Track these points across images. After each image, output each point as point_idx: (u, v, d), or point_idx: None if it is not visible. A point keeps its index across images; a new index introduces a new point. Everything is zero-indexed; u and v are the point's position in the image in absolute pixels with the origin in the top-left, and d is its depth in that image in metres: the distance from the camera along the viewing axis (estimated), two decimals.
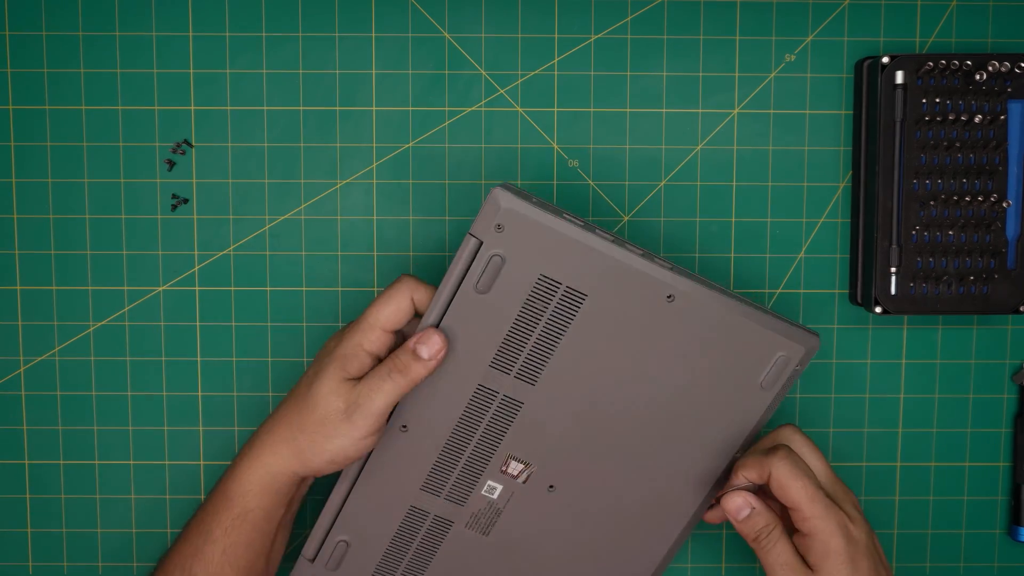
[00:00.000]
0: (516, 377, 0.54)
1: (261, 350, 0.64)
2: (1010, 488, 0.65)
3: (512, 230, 0.50)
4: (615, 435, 0.56)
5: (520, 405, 0.55)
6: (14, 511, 0.65)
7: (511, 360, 0.54)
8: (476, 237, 0.51)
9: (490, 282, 0.52)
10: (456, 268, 0.52)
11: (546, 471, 0.57)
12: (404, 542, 0.59)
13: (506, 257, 0.51)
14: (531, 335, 0.53)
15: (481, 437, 0.56)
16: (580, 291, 0.52)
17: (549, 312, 0.52)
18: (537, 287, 0.52)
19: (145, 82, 0.62)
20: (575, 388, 0.55)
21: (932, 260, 0.60)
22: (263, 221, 0.63)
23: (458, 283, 0.52)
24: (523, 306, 0.52)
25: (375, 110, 0.63)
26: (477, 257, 0.51)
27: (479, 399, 0.55)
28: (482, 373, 0.54)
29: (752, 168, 0.63)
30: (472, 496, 0.57)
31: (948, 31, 0.62)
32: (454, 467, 0.57)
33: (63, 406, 0.64)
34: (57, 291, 0.63)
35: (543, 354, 0.54)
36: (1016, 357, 0.64)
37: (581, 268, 0.51)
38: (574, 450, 0.56)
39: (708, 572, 0.66)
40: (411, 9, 0.62)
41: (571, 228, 0.50)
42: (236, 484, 0.55)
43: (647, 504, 0.58)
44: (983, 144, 0.59)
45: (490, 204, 0.50)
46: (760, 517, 0.55)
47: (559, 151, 0.63)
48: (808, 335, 0.55)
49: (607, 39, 0.62)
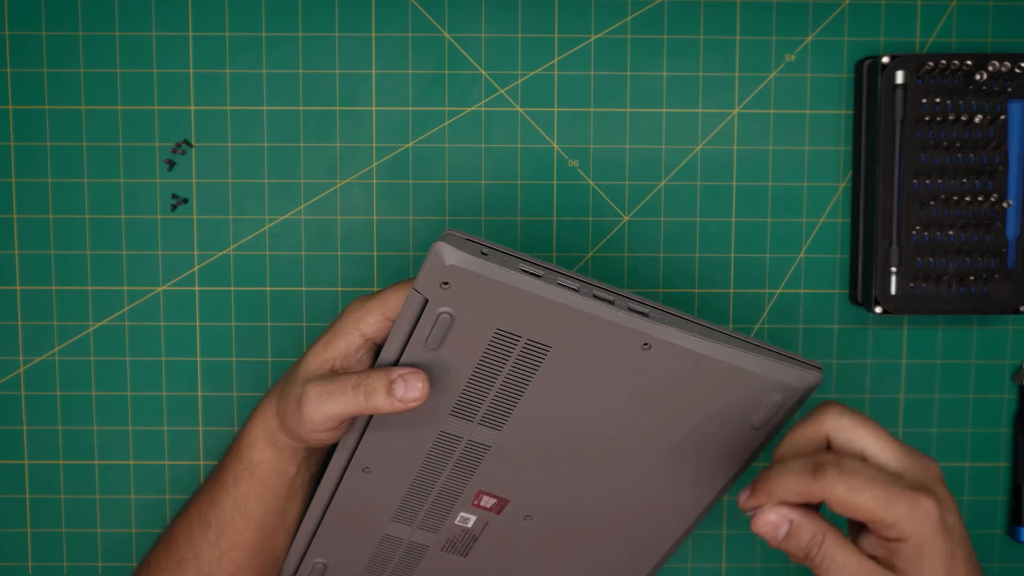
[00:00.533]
0: (480, 424, 0.51)
1: (261, 350, 0.64)
2: (1010, 488, 0.65)
3: (460, 287, 0.45)
4: (592, 471, 0.53)
5: (487, 448, 0.52)
6: (14, 511, 0.65)
7: (473, 408, 0.50)
8: (420, 293, 0.46)
9: (440, 339, 0.47)
10: (403, 325, 0.47)
11: (521, 503, 0.54)
12: (380, 565, 0.58)
13: (455, 315, 0.46)
14: (492, 385, 0.49)
15: (448, 477, 0.53)
16: (544, 343, 0.47)
17: (510, 364, 0.48)
18: (494, 342, 0.47)
19: (145, 82, 0.62)
20: (545, 431, 0.51)
21: (932, 260, 0.60)
22: (263, 221, 0.63)
23: (406, 338, 0.48)
24: (480, 360, 0.48)
25: (375, 110, 0.63)
26: (423, 315, 0.46)
27: (443, 444, 0.51)
28: (443, 420, 0.50)
29: (752, 168, 0.63)
30: (445, 526, 0.55)
31: (948, 31, 0.62)
32: (423, 503, 0.54)
33: (63, 406, 0.64)
34: (57, 291, 0.63)
35: (508, 402, 0.50)
36: (1016, 357, 0.64)
37: (542, 321, 0.46)
38: (548, 484, 0.54)
39: (708, 572, 0.66)
40: (411, 9, 0.62)
41: (526, 281, 0.45)
42: (245, 435, 0.56)
43: (629, 531, 0.57)
44: (983, 144, 0.59)
45: (432, 260, 0.44)
46: (804, 530, 0.45)
47: (559, 151, 0.63)
48: (807, 371, 0.49)
49: (607, 39, 0.62)
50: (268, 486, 0.55)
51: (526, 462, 0.52)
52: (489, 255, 0.45)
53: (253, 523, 0.56)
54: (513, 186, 0.63)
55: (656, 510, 0.56)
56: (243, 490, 0.55)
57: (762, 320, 0.64)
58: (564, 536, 0.57)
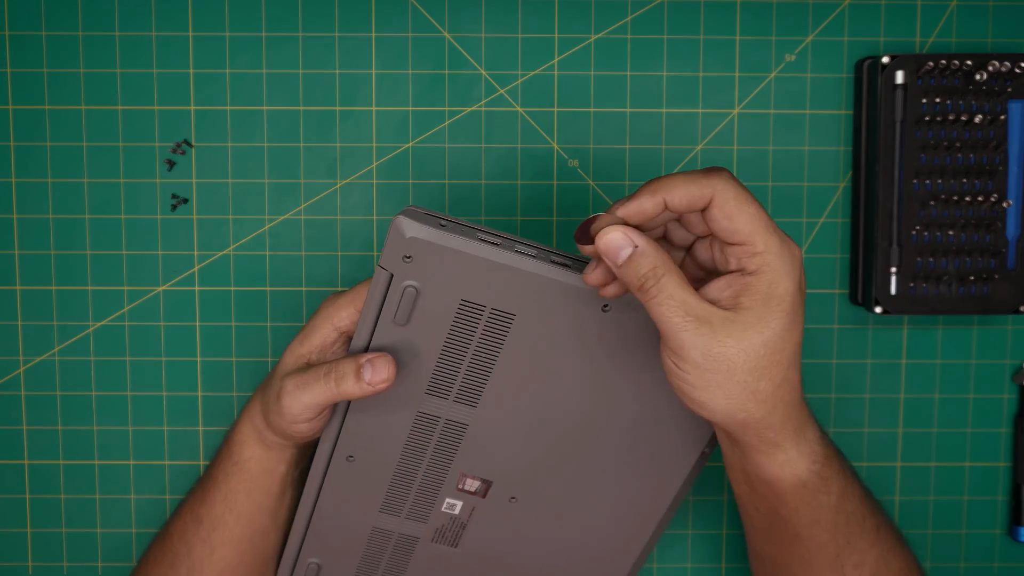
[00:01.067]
0: (455, 401, 0.52)
1: (261, 350, 0.64)
2: (1010, 488, 0.65)
3: (422, 259, 0.46)
4: (570, 444, 0.54)
5: (464, 426, 0.53)
6: (14, 511, 0.65)
7: (447, 385, 0.51)
8: (385, 269, 0.47)
9: (408, 313, 0.48)
10: (371, 302, 0.48)
11: (505, 484, 0.55)
12: (373, 560, 0.58)
13: (420, 288, 0.47)
14: (463, 359, 0.50)
15: (430, 461, 0.54)
16: (507, 311, 0.48)
17: (478, 336, 0.49)
18: (460, 313, 0.48)
19: (145, 82, 0.62)
20: (520, 404, 0.52)
21: (932, 260, 0.60)
22: (263, 221, 0.63)
23: (376, 316, 0.49)
24: (449, 333, 0.49)
25: (375, 110, 0.63)
26: (390, 290, 0.47)
27: (421, 425, 0.52)
28: (419, 400, 0.51)
29: (752, 168, 0.63)
30: (433, 513, 0.56)
31: (948, 31, 0.63)
32: (408, 490, 0.55)
33: (63, 406, 0.64)
34: (57, 291, 0.63)
35: (480, 376, 0.51)
36: (1016, 357, 0.64)
37: (504, 288, 0.48)
38: (530, 463, 0.55)
39: (708, 572, 0.66)
40: (411, 9, 0.62)
41: (485, 249, 0.46)
42: (235, 433, 0.56)
43: (615, 505, 0.57)
44: (983, 144, 0.59)
45: (393, 234, 0.46)
46: (646, 259, 0.43)
47: (559, 151, 0.63)
48: None
49: (607, 39, 0.62)
50: (257, 483, 0.56)
51: (504, 439, 0.53)
52: (447, 226, 0.46)
53: (243, 519, 0.56)
54: (513, 186, 0.63)
55: (639, 481, 0.56)
56: (233, 487, 0.56)
57: None
58: (551, 517, 0.57)
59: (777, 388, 0.45)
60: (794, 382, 0.46)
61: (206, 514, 0.56)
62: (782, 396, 0.46)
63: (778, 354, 0.44)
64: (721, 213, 0.43)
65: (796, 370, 0.46)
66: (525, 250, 0.47)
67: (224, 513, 0.56)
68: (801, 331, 0.45)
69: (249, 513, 0.56)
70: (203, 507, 0.56)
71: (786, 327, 0.44)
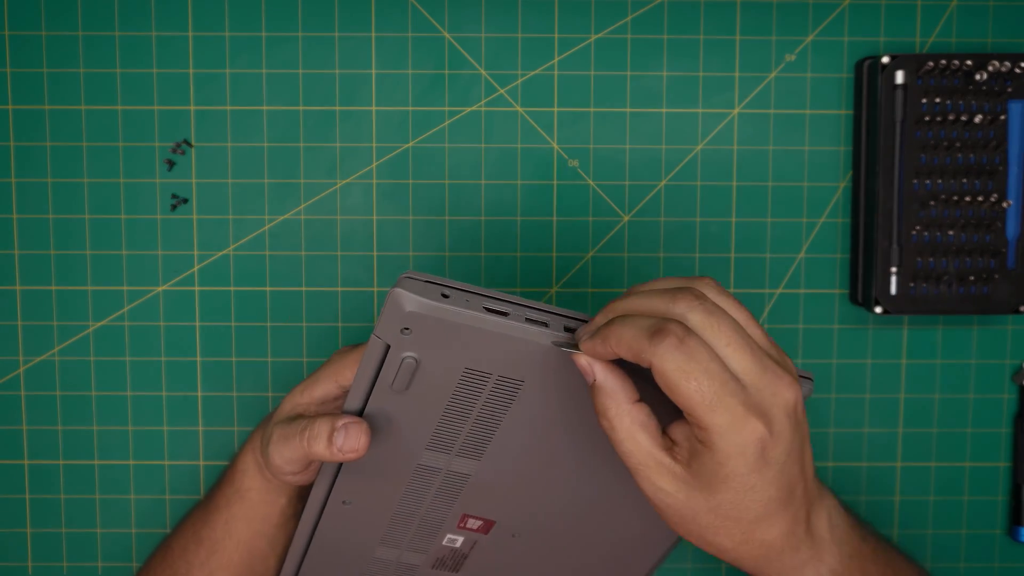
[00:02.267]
0: (458, 455, 0.49)
1: (261, 350, 0.64)
2: (1010, 488, 0.65)
3: (422, 331, 0.43)
4: (577, 489, 0.53)
5: (466, 476, 0.51)
6: (14, 511, 0.65)
7: (449, 442, 0.49)
8: (382, 339, 0.44)
9: (406, 382, 0.45)
10: (366, 371, 0.46)
11: (507, 524, 0.54)
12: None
13: (421, 359, 0.44)
14: (466, 421, 0.48)
15: (430, 506, 0.52)
16: (515, 378, 0.46)
17: (482, 401, 0.47)
18: (464, 380, 0.46)
19: (145, 82, 0.62)
20: (526, 457, 0.50)
21: (932, 260, 0.60)
22: (263, 221, 0.63)
23: (371, 384, 0.46)
24: (451, 399, 0.46)
25: (375, 110, 0.63)
26: (387, 360, 0.45)
27: (421, 475, 0.50)
28: (419, 454, 0.49)
29: (752, 168, 0.63)
30: (433, 547, 0.55)
31: (948, 31, 0.62)
32: (408, 529, 0.54)
33: (63, 406, 0.64)
34: (57, 291, 0.63)
35: (484, 435, 0.48)
36: (1016, 357, 0.64)
37: (512, 358, 0.45)
38: (534, 505, 0.53)
39: (708, 572, 0.66)
40: (411, 9, 0.62)
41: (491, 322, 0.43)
42: (239, 461, 0.56)
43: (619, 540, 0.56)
44: (983, 144, 0.59)
45: (391, 307, 0.42)
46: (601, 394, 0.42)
47: (559, 151, 0.63)
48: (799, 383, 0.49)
49: (607, 39, 0.62)
50: (257, 512, 0.56)
51: (508, 486, 0.52)
52: (451, 296, 0.43)
53: (242, 546, 0.56)
54: (513, 186, 0.63)
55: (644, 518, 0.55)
56: (234, 513, 0.56)
57: (762, 320, 0.64)
58: (554, 550, 0.56)
59: (738, 546, 0.43)
60: (769, 539, 0.43)
61: (207, 537, 0.57)
62: (748, 552, 0.43)
63: (732, 520, 0.42)
64: (663, 384, 0.40)
65: (772, 525, 0.43)
66: (536, 317, 0.44)
67: (224, 538, 0.56)
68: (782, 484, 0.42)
69: (248, 540, 0.56)
70: (205, 529, 0.57)
71: (740, 497, 0.41)
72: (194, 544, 0.57)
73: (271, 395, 0.64)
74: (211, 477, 0.65)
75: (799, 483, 0.42)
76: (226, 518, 0.56)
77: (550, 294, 0.64)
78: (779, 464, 0.41)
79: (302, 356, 0.64)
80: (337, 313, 0.64)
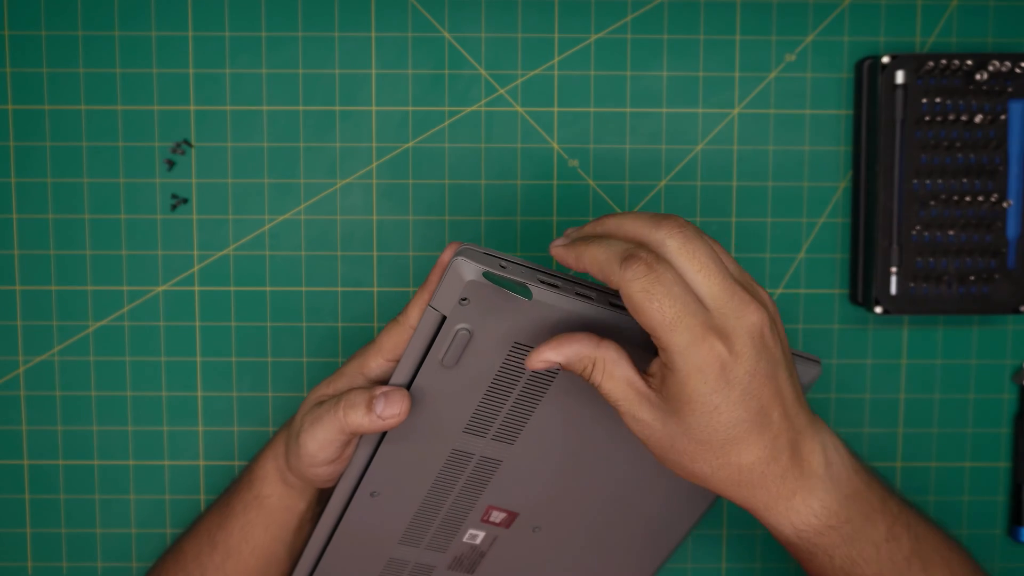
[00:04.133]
0: (493, 439, 0.50)
1: (261, 350, 0.64)
2: (1010, 488, 0.65)
3: (479, 302, 0.44)
4: (600, 478, 0.53)
5: (498, 463, 0.51)
6: (13, 511, 0.65)
7: (486, 424, 0.49)
8: (438, 311, 0.44)
9: (457, 356, 0.46)
10: (418, 342, 0.46)
11: (530, 516, 0.54)
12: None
13: (474, 331, 0.45)
14: (507, 400, 0.48)
15: (458, 496, 0.52)
16: None
17: (524, 379, 0.48)
18: (511, 356, 0.46)
19: (145, 82, 0.62)
20: (556, 443, 0.51)
21: (932, 260, 0.60)
22: (263, 221, 0.63)
23: (422, 357, 0.46)
24: (496, 376, 0.47)
25: (375, 110, 0.63)
26: (441, 332, 0.45)
27: (454, 461, 0.51)
28: (455, 437, 0.50)
29: (752, 168, 0.63)
30: (453, 544, 0.55)
31: (948, 31, 0.63)
32: (431, 523, 0.54)
33: (62, 406, 0.64)
34: (56, 291, 0.63)
35: (521, 416, 0.49)
36: (1016, 357, 0.64)
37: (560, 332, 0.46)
38: (557, 495, 0.54)
39: (708, 572, 0.66)
40: (411, 9, 0.62)
41: (545, 293, 0.44)
42: (257, 467, 0.56)
43: (634, 533, 0.57)
44: (983, 144, 0.59)
45: (451, 276, 0.43)
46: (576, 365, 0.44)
47: (559, 151, 0.63)
48: (805, 366, 0.49)
49: (607, 39, 0.62)
50: (276, 518, 0.55)
51: (536, 474, 0.52)
52: (507, 268, 0.44)
53: (259, 552, 0.56)
54: (513, 186, 0.63)
55: (661, 510, 0.56)
56: (251, 519, 0.55)
57: None
58: (570, 544, 0.57)
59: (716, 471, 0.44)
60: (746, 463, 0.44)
61: (222, 541, 0.56)
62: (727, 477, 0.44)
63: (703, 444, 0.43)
64: (628, 305, 0.41)
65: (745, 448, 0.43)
66: (585, 292, 0.45)
67: (240, 544, 0.56)
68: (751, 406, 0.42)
69: (265, 546, 0.56)
70: (220, 533, 0.56)
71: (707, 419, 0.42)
72: (208, 548, 0.57)
73: (271, 395, 0.64)
74: (211, 477, 0.65)
75: (774, 407, 0.43)
76: (243, 523, 0.56)
77: None
78: (742, 385, 0.42)
79: (302, 356, 0.64)
80: (337, 313, 0.64)
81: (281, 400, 0.64)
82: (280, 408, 0.64)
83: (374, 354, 0.51)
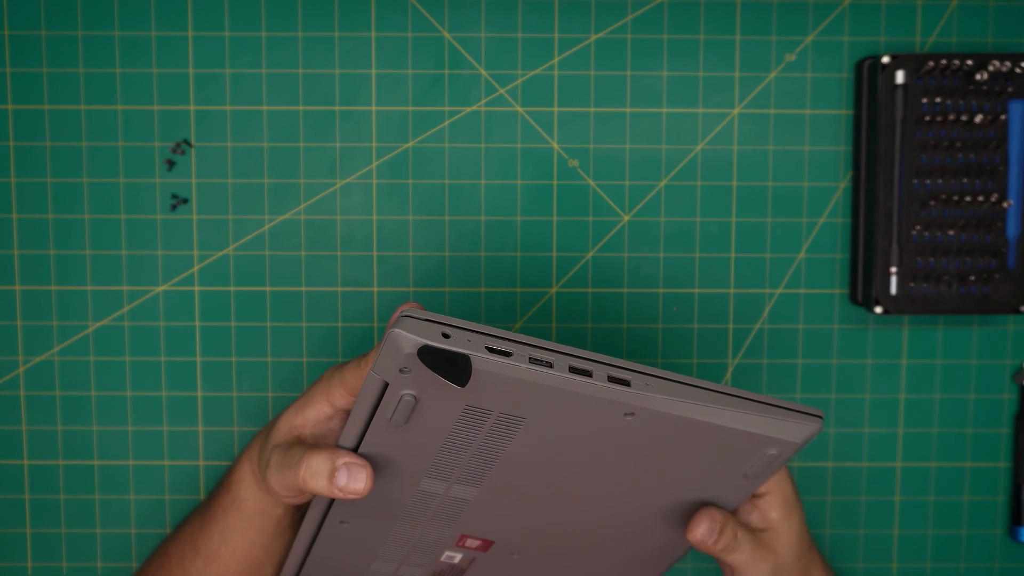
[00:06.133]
0: (457, 483, 0.49)
1: (261, 350, 0.64)
2: (1010, 488, 0.65)
3: (421, 372, 0.42)
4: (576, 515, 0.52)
5: (466, 502, 0.50)
6: (13, 511, 0.65)
7: (448, 471, 0.48)
8: (379, 376, 0.43)
9: (405, 417, 0.44)
10: (363, 407, 0.44)
11: (506, 544, 0.53)
12: None
13: (420, 396, 0.43)
14: (466, 453, 0.47)
15: (427, 526, 0.51)
16: (517, 415, 0.45)
17: (482, 435, 0.46)
18: (465, 416, 0.44)
19: (145, 82, 0.62)
20: (525, 485, 0.49)
21: (932, 260, 0.60)
22: (263, 221, 0.63)
23: (367, 419, 0.45)
24: (451, 433, 0.45)
25: (375, 110, 0.63)
26: (386, 397, 0.43)
27: (420, 499, 0.50)
28: (418, 481, 0.48)
29: (752, 168, 0.63)
30: (430, 563, 0.55)
31: (948, 31, 0.62)
32: (404, 548, 0.53)
33: (62, 406, 0.64)
34: (56, 291, 0.63)
35: (484, 464, 0.47)
36: (1016, 357, 0.64)
37: (514, 396, 0.43)
38: (533, 528, 0.52)
39: (708, 572, 0.66)
40: (411, 9, 0.62)
41: (494, 363, 0.42)
42: (235, 471, 0.56)
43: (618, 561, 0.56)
44: (983, 144, 0.59)
45: (389, 347, 0.41)
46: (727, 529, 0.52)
47: (559, 151, 0.63)
48: (804, 423, 0.47)
49: (607, 39, 0.62)
50: (254, 523, 0.56)
51: (508, 510, 0.51)
52: (452, 336, 0.42)
53: (238, 556, 0.56)
54: (513, 186, 0.63)
55: (644, 547, 0.55)
56: (230, 523, 0.56)
57: (762, 320, 0.64)
58: (553, 567, 0.56)
59: None
60: None
61: (203, 545, 0.57)
62: None
63: None
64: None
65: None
66: (540, 357, 0.43)
67: (220, 548, 0.56)
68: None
69: (245, 550, 0.56)
70: (202, 538, 0.57)
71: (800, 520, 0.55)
72: (191, 552, 0.57)
73: (271, 395, 0.64)
74: (211, 477, 0.65)
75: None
76: (222, 528, 0.56)
77: (550, 294, 0.64)
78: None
79: (302, 356, 0.64)
80: (337, 313, 0.64)
81: (281, 400, 0.64)
82: (280, 408, 0.64)
83: (338, 385, 0.50)
